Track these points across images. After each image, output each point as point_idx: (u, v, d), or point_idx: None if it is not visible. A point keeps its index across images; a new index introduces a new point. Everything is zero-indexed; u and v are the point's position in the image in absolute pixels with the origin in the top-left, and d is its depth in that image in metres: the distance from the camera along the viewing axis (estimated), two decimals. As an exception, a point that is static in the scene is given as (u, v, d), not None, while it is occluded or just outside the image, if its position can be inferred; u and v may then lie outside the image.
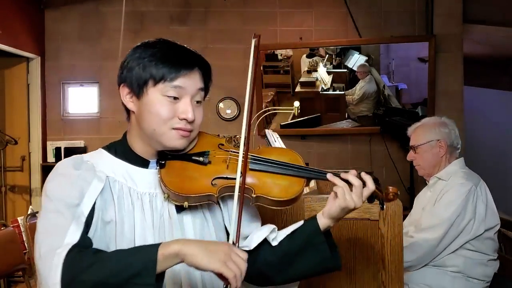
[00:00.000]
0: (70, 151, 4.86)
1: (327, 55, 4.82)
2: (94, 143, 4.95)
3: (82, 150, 4.87)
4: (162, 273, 1.00)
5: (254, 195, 1.20)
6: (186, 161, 1.22)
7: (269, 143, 2.32)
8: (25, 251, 3.26)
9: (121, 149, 1.24)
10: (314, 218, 1.25)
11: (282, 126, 4.80)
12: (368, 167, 4.84)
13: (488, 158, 6.60)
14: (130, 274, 0.96)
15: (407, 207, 3.02)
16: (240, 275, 0.99)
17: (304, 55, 4.82)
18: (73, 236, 1.06)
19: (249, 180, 1.21)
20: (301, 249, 1.23)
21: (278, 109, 4.75)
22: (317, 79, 4.82)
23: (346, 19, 4.84)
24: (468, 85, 5.35)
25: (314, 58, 4.81)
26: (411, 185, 4.53)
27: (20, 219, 3.71)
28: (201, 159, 1.22)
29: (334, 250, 1.26)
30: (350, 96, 4.82)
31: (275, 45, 4.87)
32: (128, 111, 1.24)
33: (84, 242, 1.08)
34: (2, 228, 3.07)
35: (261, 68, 4.84)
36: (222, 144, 1.29)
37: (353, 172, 1.23)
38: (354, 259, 1.71)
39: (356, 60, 4.81)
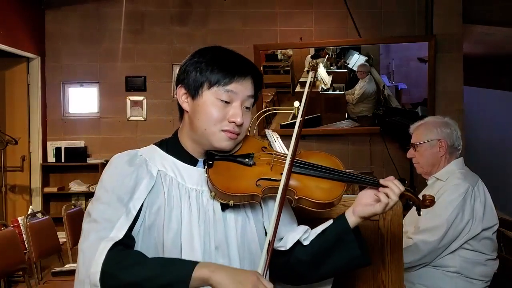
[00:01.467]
0: (70, 151, 4.86)
1: (331, 55, 4.82)
2: (94, 143, 4.96)
3: (82, 150, 4.87)
4: None
5: (296, 197, 1.26)
6: (232, 162, 1.29)
7: (269, 143, 2.32)
8: (25, 251, 3.26)
9: (172, 146, 1.31)
10: (343, 217, 1.30)
11: (282, 126, 4.81)
12: (368, 167, 4.84)
13: (488, 158, 6.60)
14: (163, 283, 1.03)
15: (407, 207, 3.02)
16: None
17: (309, 56, 4.82)
18: (119, 231, 1.13)
19: (291, 182, 1.27)
20: (332, 248, 1.28)
21: (278, 109, 4.75)
22: (317, 79, 4.83)
23: (346, 19, 4.84)
24: (468, 85, 5.35)
25: (318, 59, 4.81)
26: (411, 185, 4.53)
27: (20, 219, 3.71)
28: (246, 160, 1.29)
29: (363, 246, 1.31)
30: (350, 96, 4.82)
31: (275, 45, 4.88)
32: (181, 111, 1.32)
33: (128, 239, 1.16)
34: (2, 228, 3.07)
35: (261, 68, 4.84)
36: (265, 147, 1.35)
37: (391, 177, 1.29)
38: (354, 259, 1.71)
39: (356, 60, 4.82)
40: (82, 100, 5.03)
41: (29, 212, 3.81)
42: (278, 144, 2.30)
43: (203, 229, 1.23)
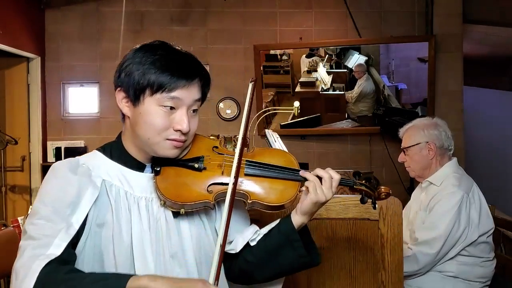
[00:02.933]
0: (70, 151, 4.86)
1: (327, 56, 4.83)
2: (94, 143, 4.95)
3: (82, 150, 4.87)
4: None
5: (250, 201, 1.22)
6: (181, 167, 1.22)
7: (269, 143, 2.32)
8: (25, 251, 3.26)
9: (116, 152, 1.24)
10: (288, 217, 1.27)
11: (282, 126, 4.80)
12: (368, 167, 4.84)
13: (488, 158, 6.60)
14: None
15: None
16: None
17: (304, 56, 4.82)
18: (58, 248, 1.05)
19: (244, 185, 1.22)
20: (277, 248, 1.24)
21: (278, 109, 4.75)
22: (317, 79, 4.82)
23: (346, 19, 4.84)
24: (468, 85, 5.35)
25: (314, 58, 4.81)
26: (411, 185, 4.53)
27: (20, 219, 3.70)
28: (196, 165, 1.22)
29: (312, 246, 1.28)
30: (350, 95, 4.82)
31: (275, 45, 4.87)
32: (123, 114, 1.23)
33: (68, 255, 1.07)
34: (2, 228, 3.07)
35: (261, 68, 4.84)
36: (217, 147, 1.28)
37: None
38: (354, 259, 1.71)
39: (356, 60, 4.82)
40: (82, 100, 5.02)
41: (29, 212, 3.81)
42: (278, 144, 2.31)
43: (155, 238, 1.16)
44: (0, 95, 4.86)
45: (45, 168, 4.88)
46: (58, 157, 4.90)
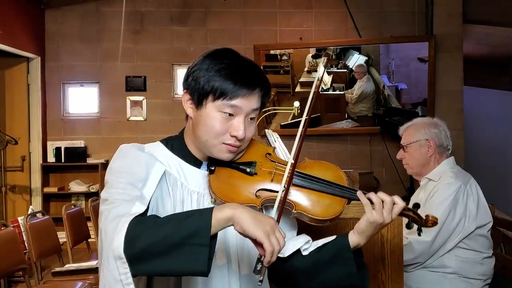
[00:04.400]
0: (70, 151, 4.86)
1: (332, 56, 4.83)
2: (94, 143, 4.96)
3: (82, 150, 4.87)
4: (215, 236, 1.06)
5: (295, 211, 1.24)
6: (234, 169, 1.27)
7: (269, 143, 2.32)
8: (25, 251, 3.26)
9: (177, 146, 1.31)
10: (345, 234, 1.30)
11: (282, 126, 4.81)
12: (368, 167, 4.84)
13: (488, 158, 6.61)
14: (185, 234, 1.02)
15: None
16: (277, 251, 1.05)
17: (309, 55, 4.82)
18: (139, 208, 1.12)
19: (291, 195, 1.25)
20: (329, 262, 1.28)
21: (278, 109, 4.75)
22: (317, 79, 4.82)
23: (346, 19, 4.84)
24: (468, 85, 5.35)
25: (317, 60, 4.81)
26: (411, 185, 4.53)
27: (20, 219, 3.71)
28: (248, 170, 1.27)
29: (363, 270, 1.30)
30: (350, 95, 4.83)
31: (275, 45, 4.88)
32: (187, 114, 1.30)
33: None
34: (2, 228, 3.07)
35: (261, 68, 4.84)
36: (270, 154, 1.33)
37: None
38: (354, 259, 1.71)
39: (356, 60, 4.82)
40: (82, 100, 5.03)
41: (29, 212, 3.81)
42: (278, 144, 2.31)
43: None
44: (0, 95, 4.86)
45: (45, 168, 4.89)
46: (58, 157, 4.90)
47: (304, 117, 1.35)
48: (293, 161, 1.26)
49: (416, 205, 1.28)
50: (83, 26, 4.95)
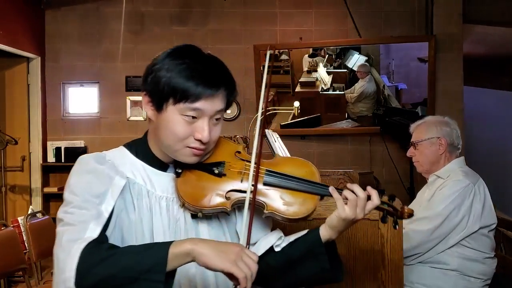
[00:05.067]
0: (70, 151, 4.86)
1: (327, 56, 4.83)
2: (94, 143, 4.96)
3: (82, 150, 4.87)
4: (173, 271, 1.01)
5: (266, 211, 1.21)
6: (202, 171, 1.23)
7: (269, 143, 2.32)
8: (25, 251, 3.26)
9: (142, 150, 1.26)
10: (317, 229, 1.26)
11: (282, 126, 4.81)
12: (368, 167, 4.84)
13: (488, 158, 6.60)
14: (140, 270, 0.98)
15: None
16: (250, 275, 1.00)
17: (306, 55, 4.82)
18: (93, 232, 1.07)
19: (261, 196, 1.22)
20: (301, 257, 1.25)
21: (278, 109, 4.75)
22: (317, 79, 4.83)
23: (346, 19, 4.84)
24: (468, 85, 5.35)
25: (315, 58, 4.81)
26: (411, 185, 4.53)
27: (20, 219, 3.71)
28: (216, 171, 1.22)
29: (336, 261, 1.27)
30: (349, 94, 4.83)
31: (275, 45, 4.87)
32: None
33: (102, 238, 1.09)
34: (2, 228, 3.07)
35: (261, 68, 4.84)
36: (239, 152, 1.28)
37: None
38: (354, 259, 1.71)
39: (356, 60, 4.82)
40: (82, 100, 5.02)
41: (29, 212, 3.81)
42: (278, 144, 2.31)
43: (174, 238, 1.18)
44: (0, 95, 4.86)
45: (45, 168, 4.89)
46: (58, 157, 4.90)
47: (260, 115, 1.29)
48: (255, 162, 1.20)
49: (392, 197, 1.25)
50: (83, 26, 4.95)
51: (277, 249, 1.28)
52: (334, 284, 1.38)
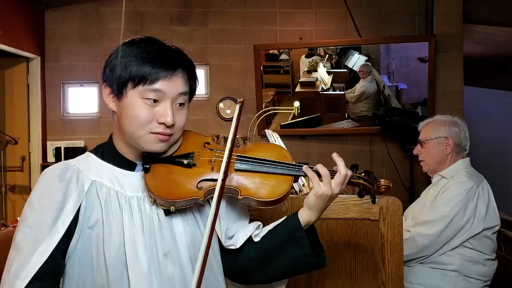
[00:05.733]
0: (70, 151, 4.86)
1: (327, 55, 4.83)
2: (94, 143, 4.90)
3: (82, 150, 4.86)
4: None
5: (241, 197, 1.19)
6: (171, 164, 1.20)
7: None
8: (25, 251, 3.26)
9: (108, 152, 1.24)
10: (295, 213, 1.24)
11: (282, 126, 4.80)
12: (368, 167, 4.84)
13: (488, 158, 6.60)
14: None
15: (407, 208, 3.03)
16: None
17: (303, 56, 4.82)
18: (42, 255, 1.06)
19: (234, 181, 1.20)
20: (282, 244, 1.22)
21: (278, 109, 4.75)
22: (317, 79, 4.82)
23: (346, 19, 4.84)
24: (468, 85, 5.35)
25: (313, 58, 4.81)
26: (411, 185, 4.53)
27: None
28: (185, 161, 1.19)
29: (318, 248, 1.25)
30: (350, 94, 4.82)
31: (275, 45, 4.87)
32: (113, 111, 1.24)
33: (54, 265, 1.08)
34: (2, 228, 3.07)
35: (261, 68, 4.84)
36: (208, 143, 1.26)
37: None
38: (354, 259, 1.71)
39: (356, 60, 4.81)
40: (82, 100, 5.02)
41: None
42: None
43: (148, 237, 1.16)
44: (0, 95, 4.86)
45: (45, 168, 4.87)
46: (58, 157, 4.90)
47: (237, 109, 1.27)
48: (229, 145, 1.18)
49: (367, 172, 1.25)
50: (83, 26, 4.95)
51: (256, 239, 1.25)
52: (335, 283, 1.38)
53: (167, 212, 1.19)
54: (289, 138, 4.60)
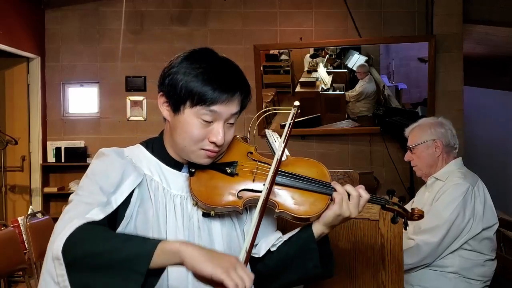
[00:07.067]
0: (70, 151, 4.86)
1: (328, 56, 4.83)
2: (94, 143, 4.96)
3: (82, 150, 4.87)
4: (159, 273, 0.98)
5: (278, 210, 1.23)
6: (215, 170, 1.25)
7: (269, 143, 2.32)
8: (25, 251, 3.26)
9: (157, 148, 1.29)
10: (310, 225, 1.27)
11: (282, 126, 4.80)
12: (368, 167, 4.84)
13: (488, 158, 6.60)
14: (123, 256, 0.95)
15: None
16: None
17: (308, 55, 4.82)
18: (96, 216, 1.08)
19: (273, 195, 1.24)
20: (295, 255, 1.26)
21: (278, 109, 4.75)
22: (317, 79, 4.82)
23: (346, 19, 4.84)
24: (468, 85, 5.35)
25: (316, 59, 4.81)
26: (411, 185, 4.53)
27: (20, 219, 3.71)
28: (228, 170, 1.25)
29: (329, 258, 1.29)
30: (349, 93, 4.83)
31: (275, 45, 4.87)
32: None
33: (104, 222, 1.09)
34: (2, 228, 3.07)
35: (261, 68, 4.84)
36: (251, 153, 1.31)
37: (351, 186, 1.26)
38: (354, 259, 1.71)
39: (356, 60, 4.82)
40: (82, 100, 5.02)
41: (29, 212, 3.81)
42: (278, 144, 2.30)
43: (187, 236, 1.20)
44: (0, 95, 4.86)
45: (45, 168, 4.89)
46: (58, 157, 4.90)
47: (289, 120, 1.32)
48: (278, 159, 1.23)
49: (390, 192, 1.28)
50: (83, 26, 4.95)
51: (272, 249, 1.29)
52: (335, 283, 1.38)
53: (206, 215, 1.24)
54: (289, 138, 4.59)
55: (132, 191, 1.18)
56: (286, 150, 1.32)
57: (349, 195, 1.24)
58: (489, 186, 2.31)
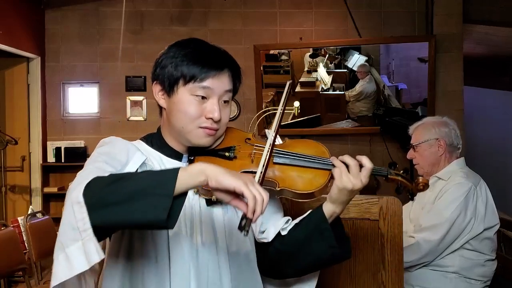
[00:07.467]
0: (70, 151, 4.86)
1: (328, 55, 4.83)
2: (94, 143, 4.92)
3: (82, 150, 4.87)
4: (185, 193, 1.01)
5: (278, 188, 1.23)
6: (213, 156, 1.27)
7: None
8: (25, 251, 3.26)
9: (156, 141, 1.31)
10: (320, 206, 1.28)
11: (282, 126, 4.80)
12: (368, 167, 4.84)
13: (488, 158, 6.60)
14: (148, 185, 0.98)
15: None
16: (261, 201, 1.00)
17: (307, 54, 4.82)
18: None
19: (273, 173, 1.25)
20: (307, 237, 1.26)
21: (278, 109, 4.75)
22: (317, 79, 4.82)
23: (346, 19, 4.84)
24: (468, 85, 5.35)
25: (316, 59, 4.81)
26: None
27: (20, 219, 3.71)
28: (227, 154, 1.27)
29: (343, 237, 1.28)
30: (349, 93, 4.82)
31: (275, 45, 4.87)
32: (160, 107, 1.32)
33: None
34: (2, 228, 3.08)
35: (261, 68, 4.84)
36: (249, 139, 1.33)
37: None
38: (354, 259, 1.71)
39: (356, 60, 4.82)
40: (82, 100, 5.02)
41: (29, 212, 3.81)
42: (277, 143, 2.30)
43: (189, 224, 1.22)
44: (0, 95, 4.86)
45: (45, 168, 4.89)
46: (58, 157, 4.90)
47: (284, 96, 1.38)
48: (273, 135, 1.25)
49: (392, 164, 1.28)
50: (83, 26, 4.95)
51: (283, 232, 1.30)
52: (335, 283, 1.38)
53: (209, 202, 1.26)
54: (289, 138, 4.59)
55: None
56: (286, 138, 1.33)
57: (348, 166, 1.25)
58: (489, 186, 2.31)
